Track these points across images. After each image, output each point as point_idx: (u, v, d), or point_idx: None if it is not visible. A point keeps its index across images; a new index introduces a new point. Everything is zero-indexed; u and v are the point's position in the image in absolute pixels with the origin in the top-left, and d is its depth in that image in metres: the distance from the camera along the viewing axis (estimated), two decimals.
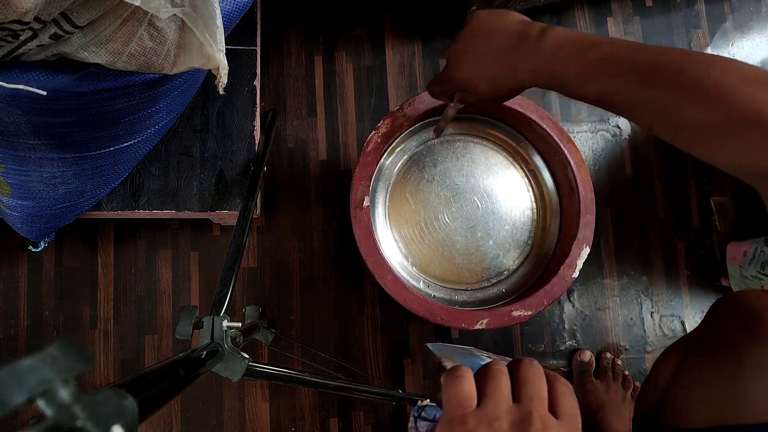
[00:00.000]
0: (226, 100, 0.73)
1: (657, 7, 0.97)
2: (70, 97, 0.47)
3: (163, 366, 0.29)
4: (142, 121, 0.59)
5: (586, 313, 0.87)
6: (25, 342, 0.79)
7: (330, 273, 0.84)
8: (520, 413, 0.26)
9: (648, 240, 0.90)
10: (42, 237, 0.69)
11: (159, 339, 0.80)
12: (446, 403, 0.27)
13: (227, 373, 0.40)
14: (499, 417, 0.26)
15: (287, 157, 0.86)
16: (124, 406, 0.19)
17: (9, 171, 0.57)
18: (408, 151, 0.71)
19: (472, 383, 0.27)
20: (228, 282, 0.49)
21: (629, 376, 0.82)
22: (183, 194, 0.71)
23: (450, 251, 0.68)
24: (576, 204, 0.65)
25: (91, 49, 0.44)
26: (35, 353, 0.16)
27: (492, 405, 0.26)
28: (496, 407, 0.26)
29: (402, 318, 0.84)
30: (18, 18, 0.37)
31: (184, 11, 0.41)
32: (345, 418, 0.81)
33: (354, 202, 0.61)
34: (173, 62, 0.48)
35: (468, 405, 0.27)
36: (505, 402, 0.27)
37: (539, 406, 0.26)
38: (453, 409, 0.27)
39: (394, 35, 0.91)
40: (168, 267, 0.82)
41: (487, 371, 0.28)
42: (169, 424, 0.78)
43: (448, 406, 0.27)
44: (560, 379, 0.28)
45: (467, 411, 0.26)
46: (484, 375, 0.28)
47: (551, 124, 0.66)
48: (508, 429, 0.25)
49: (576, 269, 0.62)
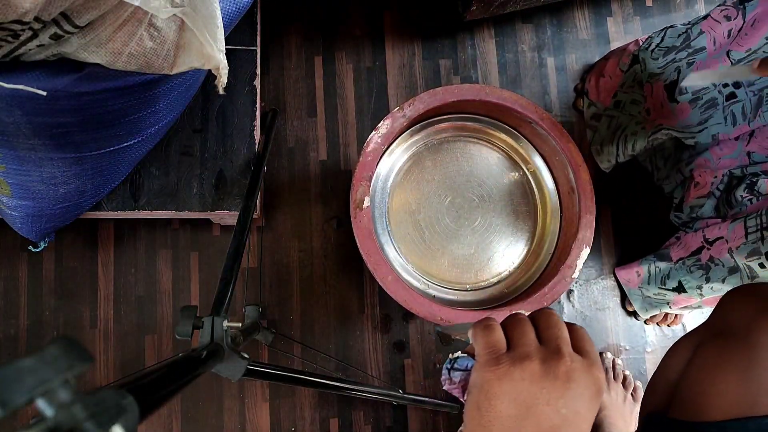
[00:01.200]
0: (226, 100, 0.73)
1: (657, 7, 0.97)
2: (70, 97, 0.47)
3: (163, 366, 0.29)
4: (142, 121, 0.59)
5: (586, 314, 0.87)
6: (25, 342, 0.79)
7: (330, 273, 0.84)
8: (548, 351, 0.28)
9: (648, 240, 0.90)
10: (42, 237, 0.69)
11: (159, 339, 0.80)
12: (480, 349, 0.29)
13: (227, 373, 0.40)
14: (530, 355, 0.28)
15: (287, 157, 0.86)
16: (124, 406, 0.19)
17: (9, 171, 0.57)
18: (408, 151, 0.71)
19: (501, 330, 0.30)
20: (228, 282, 0.49)
21: (629, 377, 0.82)
22: (183, 194, 0.71)
23: (450, 251, 0.68)
24: (576, 204, 0.65)
25: (91, 49, 0.44)
26: (35, 353, 0.16)
27: (522, 346, 0.29)
28: (526, 348, 0.28)
29: (402, 318, 0.84)
30: (18, 18, 0.37)
31: (184, 11, 0.41)
32: (345, 418, 0.81)
33: (354, 202, 0.61)
34: (173, 62, 0.48)
35: (500, 348, 0.29)
36: (533, 343, 0.29)
37: (564, 345, 0.29)
38: (487, 354, 0.29)
39: (394, 35, 0.91)
40: (168, 267, 0.82)
41: (511, 321, 0.30)
42: (169, 424, 0.78)
43: (481, 351, 0.29)
44: (576, 324, 0.31)
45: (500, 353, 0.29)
46: (509, 324, 0.30)
47: (551, 124, 0.65)
48: (540, 366, 0.28)
49: (576, 269, 0.62)
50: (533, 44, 0.93)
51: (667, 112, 0.73)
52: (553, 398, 0.27)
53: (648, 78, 0.76)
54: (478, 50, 0.92)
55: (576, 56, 0.94)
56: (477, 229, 0.69)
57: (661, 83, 0.74)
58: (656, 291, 0.78)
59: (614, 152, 0.83)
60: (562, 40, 0.94)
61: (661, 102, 0.74)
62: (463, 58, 0.91)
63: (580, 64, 0.93)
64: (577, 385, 0.27)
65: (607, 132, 0.85)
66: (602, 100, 0.86)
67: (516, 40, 0.93)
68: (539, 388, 0.27)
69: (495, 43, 0.92)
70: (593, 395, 0.28)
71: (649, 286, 0.79)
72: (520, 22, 0.93)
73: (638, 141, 0.78)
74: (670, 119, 0.73)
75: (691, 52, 0.71)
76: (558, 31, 0.94)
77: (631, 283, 0.83)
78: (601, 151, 0.86)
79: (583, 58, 0.94)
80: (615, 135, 0.83)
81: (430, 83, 0.90)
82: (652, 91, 0.75)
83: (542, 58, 0.93)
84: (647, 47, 0.77)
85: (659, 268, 0.77)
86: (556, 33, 0.94)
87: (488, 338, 0.29)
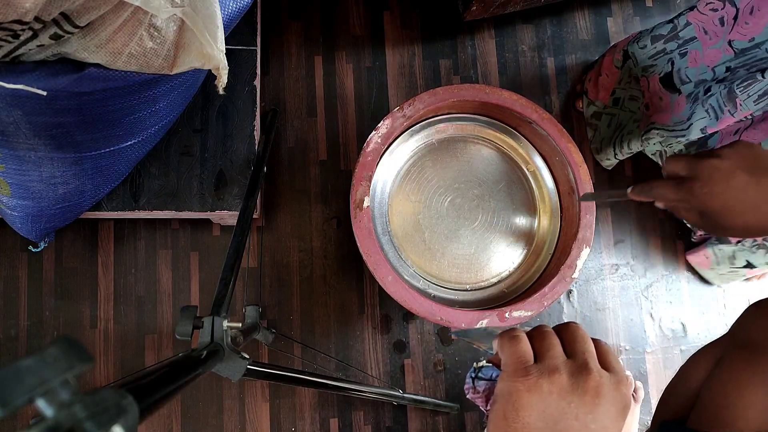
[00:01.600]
0: (226, 100, 0.73)
1: (657, 7, 0.97)
2: (70, 97, 0.47)
3: (163, 366, 0.29)
4: (142, 121, 0.59)
5: (586, 314, 0.87)
6: (25, 342, 0.79)
7: (330, 273, 0.84)
8: (576, 365, 0.28)
9: (648, 240, 0.90)
10: (42, 237, 0.69)
11: (159, 339, 0.80)
12: (506, 359, 0.29)
13: (227, 373, 0.40)
14: (558, 368, 0.28)
15: (287, 157, 0.86)
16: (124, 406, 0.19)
17: (9, 171, 0.57)
18: (408, 151, 0.71)
19: (528, 342, 0.30)
20: (228, 282, 0.49)
21: (630, 377, 0.82)
22: (183, 194, 0.71)
23: (450, 251, 0.68)
24: (576, 204, 0.65)
25: (91, 49, 0.44)
26: (35, 353, 0.16)
27: (550, 359, 0.28)
28: (554, 361, 0.28)
29: (402, 318, 0.84)
30: (18, 18, 0.37)
31: (184, 11, 0.41)
32: (345, 418, 0.81)
33: (354, 202, 0.61)
34: (173, 62, 0.48)
35: (528, 359, 0.29)
36: (560, 356, 0.29)
37: (592, 360, 0.28)
38: (514, 364, 0.29)
39: (394, 35, 0.91)
40: (168, 267, 0.82)
41: (537, 333, 0.30)
42: (169, 424, 0.78)
43: (508, 362, 0.29)
44: (601, 340, 0.30)
45: (528, 365, 0.28)
46: (536, 336, 0.30)
47: (551, 124, 0.65)
48: (568, 379, 0.27)
49: (576, 270, 0.62)
50: (533, 44, 0.93)
51: (665, 104, 0.73)
52: (582, 413, 0.27)
53: (642, 72, 0.76)
54: (478, 50, 0.92)
55: (576, 56, 0.94)
56: (477, 229, 0.69)
57: (656, 76, 0.74)
58: (728, 269, 0.81)
59: (612, 151, 0.83)
60: (562, 40, 0.94)
61: (659, 95, 0.74)
62: (463, 58, 0.91)
63: (580, 63, 0.93)
64: (605, 401, 0.27)
65: (607, 130, 0.86)
66: (601, 98, 0.86)
67: (516, 40, 0.93)
68: (567, 402, 0.27)
69: (495, 43, 0.92)
70: (620, 411, 0.28)
71: (719, 266, 0.82)
72: (520, 22, 0.93)
73: (633, 141, 0.78)
74: (666, 113, 0.72)
75: (681, 43, 0.71)
76: (558, 31, 0.94)
77: (703, 265, 0.86)
78: (601, 150, 0.86)
79: (583, 58, 0.94)
80: (615, 134, 0.83)
81: (430, 83, 0.90)
82: (648, 85, 0.75)
83: (542, 58, 0.93)
84: (635, 41, 0.77)
85: (723, 251, 0.80)
86: (556, 33, 0.94)
87: (516, 348, 0.29)
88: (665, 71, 0.72)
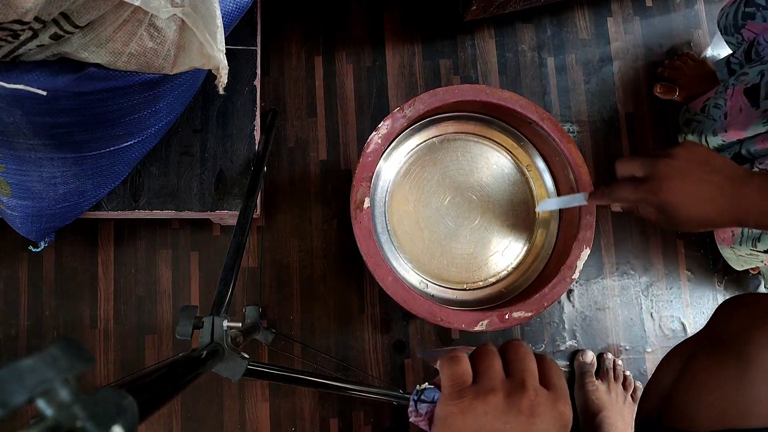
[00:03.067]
0: (226, 100, 0.73)
1: (657, 7, 0.97)
2: (70, 97, 0.47)
3: (163, 366, 0.29)
4: (142, 121, 0.59)
5: (586, 314, 0.87)
6: (26, 342, 0.79)
7: (330, 273, 0.84)
8: (513, 385, 0.28)
9: (648, 240, 0.90)
10: (42, 237, 0.69)
11: (159, 339, 0.80)
12: (444, 381, 0.29)
13: (227, 373, 0.40)
14: (494, 389, 0.28)
15: (287, 157, 0.86)
16: (124, 406, 0.19)
17: (9, 171, 0.57)
18: (408, 151, 0.71)
19: (467, 363, 0.30)
20: (228, 282, 0.49)
21: (629, 377, 0.82)
22: (183, 194, 0.71)
23: (450, 251, 0.68)
24: None
25: (92, 49, 0.44)
26: (35, 353, 0.16)
27: (486, 380, 0.28)
28: (491, 381, 0.28)
29: (402, 318, 0.84)
30: (18, 18, 0.37)
31: (184, 11, 0.41)
32: (345, 418, 0.81)
33: (354, 203, 0.61)
34: (173, 62, 0.48)
35: (465, 381, 0.29)
36: (498, 376, 0.28)
37: (530, 377, 0.28)
38: (451, 387, 0.28)
39: (394, 35, 0.91)
40: (168, 267, 0.82)
41: (478, 353, 0.30)
42: (169, 424, 0.78)
43: (446, 384, 0.29)
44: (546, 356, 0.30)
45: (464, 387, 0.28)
46: (477, 356, 0.30)
47: (551, 124, 0.65)
48: (503, 399, 0.27)
49: (576, 270, 0.62)
50: (533, 44, 0.93)
51: (744, 117, 0.72)
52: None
53: (734, 80, 0.75)
54: (478, 50, 0.92)
55: (576, 56, 0.94)
56: (476, 228, 0.69)
57: (741, 87, 0.72)
58: (748, 251, 0.80)
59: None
60: (562, 40, 0.94)
61: (739, 107, 0.73)
62: (463, 58, 0.91)
63: (580, 63, 0.93)
64: (541, 420, 0.27)
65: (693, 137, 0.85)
66: (695, 104, 0.85)
67: (516, 40, 0.93)
68: (502, 423, 0.27)
69: (495, 43, 0.92)
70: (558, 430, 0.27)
71: (740, 246, 0.81)
72: (520, 22, 0.93)
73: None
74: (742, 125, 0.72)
75: None
76: (558, 31, 0.94)
77: (726, 242, 0.85)
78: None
79: (583, 58, 0.94)
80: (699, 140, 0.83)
81: (430, 83, 0.90)
82: (732, 95, 0.75)
83: (542, 58, 0.93)
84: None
85: (752, 231, 0.78)
86: (556, 33, 0.94)
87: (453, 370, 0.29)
88: (753, 83, 0.71)
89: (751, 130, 0.71)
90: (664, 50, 0.95)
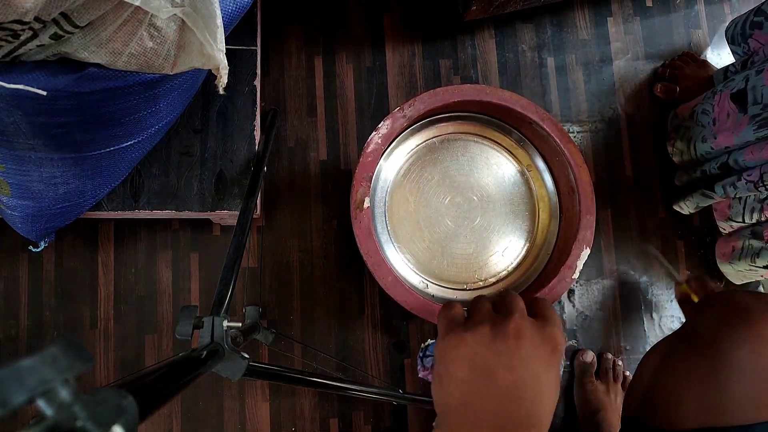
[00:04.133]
0: (226, 100, 0.73)
1: (657, 7, 0.97)
2: (70, 97, 0.47)
3: (163, 366, 0.29)
4: (142, 121, 0.59)
5: (586, 314, 0.87)
6: (26, 342, 0.79)
7: (330, 273, 0.84)
8: (500, 317, 0.30)
9: (648, 240, 0.90)
10: (42, 237, 0.69)
11: (159, 339, 0.80)
12: (440, 324, 0.32)
13: (227, 373, 0.40)
14: (482, 321, 0.29)
15: (287, 157, 0.86)
16: (124, 406, 0.19)
17: (9, 171, 0.57)
18: (408, 151, 0.70)
19: (460, 307, 0.33)
20: (228, 282, 0.49)
21: (629, 377, 0.82)
22: (183, 194, 0.71)
23: (450, 251, 0.68)
24: (576, 205, 0.65)
25: (92, 49, 0.44)
26: (35, 353, 0.16)
27: (476, 315, 0.31)
28: (480, 316, 0.30)
29: (402, 318, 0.84)
30: (18, 18, 0.37)
31: (185, 11, 0.41)
32: (345, 418, 0.81)
33: (354, 203, 0.61)
34: (173, 62, 0.48)
35: (458, 321, 0.31)
36: (487, 312, 0.31)
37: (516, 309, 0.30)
38: (446, 327, 0.31)
39: (394, 36, 0.91)
40: (168, 267, 0.82)
41: (471, 301, 0.33)
42: (169, 424, 0.78)
43: (441, 325, 0.31)
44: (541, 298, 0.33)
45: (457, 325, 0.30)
46: (470, 302, 0.33)
47: (551, 124, 0.65)
48: (490, 328, 0.29)
49: (576, 270, 0.62)
50: (533, 44, 0.93)
51: (732, 123, 0.71)
52: (506, 357, 0.28)
53: (722, 87, 0.75)
54: (478, 50, 0.92)
55: (576, 56, 0.94)
56: (476, 228, 0.69)
57: (727, 92, 0.72)
58: (747, 267, 0.80)
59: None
60: (562, 40, 0.94)
61: (727, 112, 0.73)
62: (463, 58, 0.91)
63: (580, 63, 0.93)
64: (528, 341, 0.28)
65: (682, 144, 0.85)
66: (683, 110, 0.85)
67: (516, 40, 0.93)
68: (492, 350, 0.28)
69: (495, 43, 0.92)
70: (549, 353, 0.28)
71: (739, 262, 0.81)
72: (520, 22, 0.93)
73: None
74: (731, 131, 0.72)
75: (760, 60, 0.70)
76: (558, 31, 0.94)
77: (725, 258, 0.85)
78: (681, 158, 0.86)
79: (584, 58, 0.94)
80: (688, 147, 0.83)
81: (430, 83, 0.90)
82: (719, 100, 0.74)
83: (542, 58, 0.93)
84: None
85: (751, 245, 0.79)
86: (556, 33, 0.94)
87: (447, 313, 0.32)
88: (738, 88, 0.71)
89: (740, 137, 0.70)
90: (664, 50, 0.95)
